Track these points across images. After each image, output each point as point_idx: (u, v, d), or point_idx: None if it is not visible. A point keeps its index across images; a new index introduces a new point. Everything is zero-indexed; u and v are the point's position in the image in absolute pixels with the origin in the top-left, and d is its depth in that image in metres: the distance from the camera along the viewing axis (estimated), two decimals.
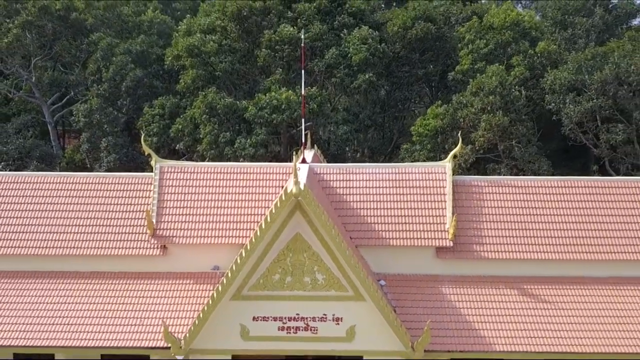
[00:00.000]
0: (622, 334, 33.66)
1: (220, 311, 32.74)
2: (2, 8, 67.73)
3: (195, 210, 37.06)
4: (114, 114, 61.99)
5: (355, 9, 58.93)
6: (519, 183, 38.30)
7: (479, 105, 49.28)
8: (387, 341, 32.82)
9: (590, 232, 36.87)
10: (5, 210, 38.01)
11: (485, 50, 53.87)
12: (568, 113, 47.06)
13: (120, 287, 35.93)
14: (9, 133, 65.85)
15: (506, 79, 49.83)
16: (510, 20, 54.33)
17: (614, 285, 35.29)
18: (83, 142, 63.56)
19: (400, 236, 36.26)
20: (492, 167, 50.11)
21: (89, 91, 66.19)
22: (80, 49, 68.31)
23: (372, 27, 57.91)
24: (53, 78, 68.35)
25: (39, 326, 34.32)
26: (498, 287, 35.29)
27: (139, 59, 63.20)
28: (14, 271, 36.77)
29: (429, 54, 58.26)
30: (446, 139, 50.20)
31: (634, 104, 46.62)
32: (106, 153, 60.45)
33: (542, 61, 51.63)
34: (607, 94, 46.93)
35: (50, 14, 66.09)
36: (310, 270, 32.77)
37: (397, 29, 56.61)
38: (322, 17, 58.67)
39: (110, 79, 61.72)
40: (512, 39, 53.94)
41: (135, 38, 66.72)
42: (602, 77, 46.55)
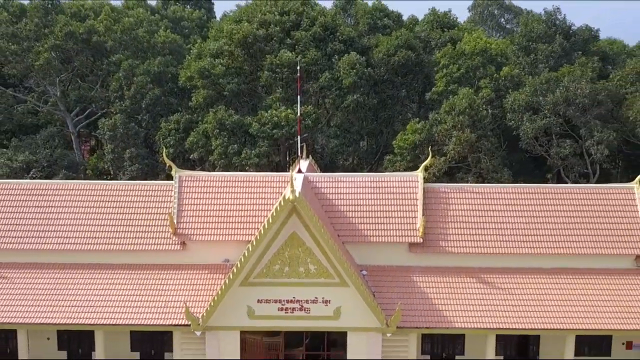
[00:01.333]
0: (558, 313, 37.62)
1: (231, 295, 36.55)
2: (32, 32, 69.37)
3: (209, 212, 40.54)
4: (135, 128, 63.71)
5: (346, 36, 61.72)
6: (479, 189, 42.32)
7: (450, 123, 52.52)
8: (366, 319, 36.63)
9: (537, 230, 40.52)
10: (52, 212, 41.34)
11: (457, 74, 57.08)
12: (525, 129, 50.59)
13: (147, 277, 39.55)
14: (38, 144, 67.47)
15: (474, 100, 53.03)
16: (480, 47, 57.66)
17: (555, 274, 39.38)
18: (108, 153, 65.31)
19: (379, 234, 39.98)
20: (461, 176, 53.26)
21: (111, 105, 67.83)
22: (101, 68, 70.05)
23: (360, 53, 60.63)
24: (79, 95, 70.12)
25: (81, 308, 37.97)
26: (460, 276, 39.32)
27: (156, 79, 65.06)
28: (61, 263, 40.30)
29: (409, 77, 60.80)
30: (423, 151, 53.45)
31: (581, 122, 50.18)
32: (129, 163, 62.43)
33: (506, 84, 54.95)
34: (558, 113, 50.12)
35: (74, 38, 68.08)
36: (304, 262, 36.49)
37: (382, 55, 59.46)
38: (317, 43, 61.39)
39: (132, 97, 63.91)
40: (480, 64, 56.99)
41: (151, 58, 68.18)
42: (554, 98, 49.88)
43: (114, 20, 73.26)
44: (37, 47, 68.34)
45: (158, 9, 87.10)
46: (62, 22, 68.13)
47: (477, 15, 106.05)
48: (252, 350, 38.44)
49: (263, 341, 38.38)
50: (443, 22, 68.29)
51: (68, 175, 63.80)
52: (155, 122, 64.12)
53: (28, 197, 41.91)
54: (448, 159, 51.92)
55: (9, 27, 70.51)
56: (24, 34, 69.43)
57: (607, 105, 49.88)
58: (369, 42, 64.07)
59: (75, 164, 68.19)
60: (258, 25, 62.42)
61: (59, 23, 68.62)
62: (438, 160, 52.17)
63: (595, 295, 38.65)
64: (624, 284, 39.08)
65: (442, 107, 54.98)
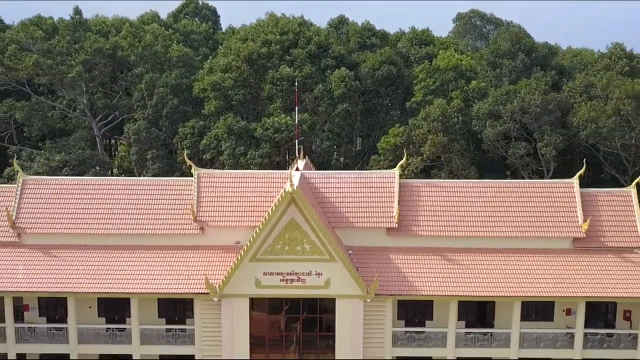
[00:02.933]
0: (508, 284, 41.59)
1: (242, 269, 40.42)
2: (65, 48, 72.56)
3: (222, 203, 44.20)
4: (156, 132, 66.92)
5: (337, 53, 65.38)
6: (445, 184, 46.41)
7: (426, 128, 56.18)
8: (351, 288, 40.56)
9: (493, 217, 44.36)
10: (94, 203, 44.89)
11: (433, 87, 60.66)
12: (487, 134, 54.90)
13: (172, 255, 43.22)
14: (71, 145, 70.14)
15: (447, 109, 56.64)
16: (452, 64, 61.26)
17: (506, 253, 43.35)
18: (132, 154, 68.33)
19: (362, 220, 43.87)
20: (435, 173, 56.92)
21: (134, 112, 70.42)
22: (125, 79, 73.10)
23: (349, 68, 64.13)
24: (106, 103, 73.03)
25: (117, 280, 41.73)
26: (428, 254, 43.25)
27: (174, 90, 68.05)
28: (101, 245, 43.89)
29: (392, 88, 64.43)
30: (403, 152, 57.03)
31: (534, 127, 54.53)
32: (151, 162, 65.48)
33: (474, 95, 58.65)
34: (516, 119, 54.25)
35: (102, 53, 71.27)
36: (300, 242, 40.42)
37: (368, 69, 63.14)
38: (312, 60, 64.81)
39: (153, 105, 66.99)
40: (453, 78, 60.60)
41: (167, 70, 70.66)
42: (511, 107, 53.82)
43: (133, 36, 75.89)
44: (69, 61, 71.00)
45: (170, 24, 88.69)
46: (91, 40, 71.16)
47: (461, 26, 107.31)
48: (258, 326, 41.84)
49: (268, 317, 41.87)
50: (421, 39, 72.20)
51: (97, 172, 66.38)
52: (174, 127, 66.77)
53: (74, 190, 45.44)
54: (424, 159, 55.50)
55: (44, 43, 73.34)
56: (57, 49, 72.17)
57: (556, 113, 53.82)
58: (358, 58, 67.22)
59: (103, 162, 70.94)
60: (261, 44, 65.64)
61: (88, 40, 71.58)
62: (416, 160, 55.68)
63: (539, 270, 42.47)
64: (563, 261, 43.08)
65: (420, 114, 58.24)
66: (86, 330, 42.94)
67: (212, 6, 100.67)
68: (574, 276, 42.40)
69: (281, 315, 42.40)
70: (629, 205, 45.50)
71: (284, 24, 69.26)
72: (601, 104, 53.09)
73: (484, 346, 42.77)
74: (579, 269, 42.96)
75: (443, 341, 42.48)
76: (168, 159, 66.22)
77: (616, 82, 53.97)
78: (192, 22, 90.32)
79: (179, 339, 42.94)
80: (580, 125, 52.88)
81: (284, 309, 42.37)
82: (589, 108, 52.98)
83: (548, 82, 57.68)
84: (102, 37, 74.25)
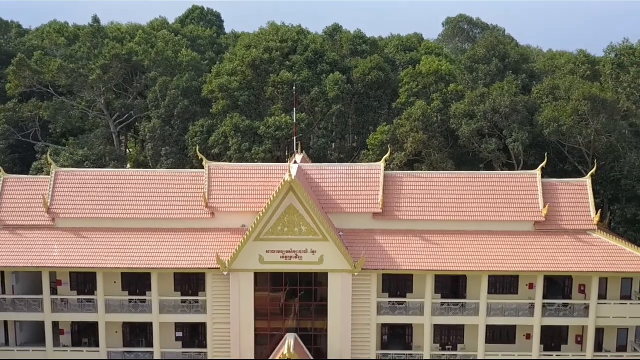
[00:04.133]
0: (477, 261, 45.09)
1: (247, 247, 43.72)
2: (85, 54, 74.24)
3: (230, 191, 47.43)
4: (169, 130, 68.66)
5: (331, 59, 67.71)
6: (424, 175, 49.78)
7: (409, 127, 59.10)
8: (341, 264, 43.94)
9: (465, 204, 47.69)
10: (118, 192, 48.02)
11: (416, 90, 63.27)
12: (463, 131, 58.06)
13: (187, 236, 46.48)
14: (92, 142, 72.76)
15: (427, 109, 59.44)
16: (433, 69, 63.94)
17: (476, 235, 46.79)
18: (148, 150, 70.12)
19: (352, 206, 47.17)
20: (417, 166, 59.58)
21: (148, 112, 71.62)
22: (139, 82, 74.59)
23: (342, 72, 66.28)
24: (122, 104, 74.60)
25: (139, 258, 45.05)
26: (408, 236, 46.65)
27: (184, 92, 69.54)
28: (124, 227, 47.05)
29: (380, 91, 66.77)
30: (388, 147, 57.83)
31: (504, 125, 57.81)
32: (165, 158, 67.34)
33: (452, 97, 61.28)
34: (487, 118, 57.35)
35: (119, 59, 72.99)
36: (298, 225, 43.67)
37: (359, 74, 65.54)
38: (309, 65, 66.98)
39: (166, 106, 68.72)
40: (433, 81, 63.08)
41: (178, 74, 71.65)
42: (484, 108, 56.71)
43: (146, 42, 77.41)
44: (89, 65, 72.98)
45: (178, 29, 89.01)
46: (110, 46, 73.23)
47: (450, 30, 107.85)
48: (262, 297, 44.99)
49: (270, 289, 45.07)
50: (406, 46, 75.32)
51: (116, 165, 67.99)
52: (185, 126, 68.49)
53: (101, 180, 48.75)
54: (407, 154, 58.45)
55: (67, 49, 75.89)
56: (79, 55, 74.17)
57: (524, 113, 56.96)
58: (350, 63, 69.41)
59: (121, 157, 73.09)
60: (263, 51, 67.87)
61: (107, 47, 73.50)
62: (400, 155, 58.54)
63: (504, 249, 45.96)
64: (525, 241, 46.49)
65: (403, 114, 60.89)
66: (112, 301, 46.33)
67: (216, 12, 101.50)
68: (534, 254, 45.80)
69: (281, 287, 45.44)
70: (584, 193, 48.94)
71: (284, 33, 71.43)
72: (564, 104, 56.40)
73: (456, 314, 46.19)
74: (539, 248, 46.29)
75: (421, 310, 45.78)
76: (180, 155, 68.09)
77: (577, 85, 57.42)
78: (199, 28, 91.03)
79: (192, 309, 46.22)
80: (544, 123, 56.23)
81: (284, 282, 45.39)
82: (553, 108, 56.29)
83: (518, 85, 60.37)
84: (117, 43, 75.93)
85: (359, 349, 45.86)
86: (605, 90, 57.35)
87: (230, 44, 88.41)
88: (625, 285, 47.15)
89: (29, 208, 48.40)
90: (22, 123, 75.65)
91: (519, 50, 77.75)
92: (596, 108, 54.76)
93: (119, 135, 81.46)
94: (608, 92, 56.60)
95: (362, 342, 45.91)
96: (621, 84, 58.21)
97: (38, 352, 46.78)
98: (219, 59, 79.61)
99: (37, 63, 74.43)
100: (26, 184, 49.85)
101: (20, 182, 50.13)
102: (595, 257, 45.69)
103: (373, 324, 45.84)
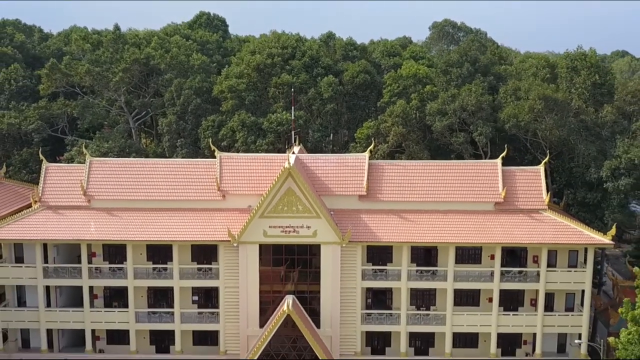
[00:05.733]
0: (446, 234, 48.95)
1: (253, 223, 47.67)
2: (108, 58, 76.78)
3: (239, 177, 51.21)
4: (184, 125, 71.41)
5: (325, 64, 70.76)
6: (402, 163, 53.74)
7: (390, 122, 62.68)
8: (331, 236, 47.90)
9: (436, 187, 51.52)
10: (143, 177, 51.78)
11: (397, 90, 66.29)
12: (436, 126, 61.38)
13: (203, 215, 50.43)
14: (116, 135, 74.22)
15: (406, 107, 62.90)
16: (412, 73, 67.21)
17: (446, 213, 50.60)
18: (165, 142, 72.95)
19: (341, 190, 50.99)
20: (397, 156, 62.62)
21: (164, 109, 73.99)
22: (156, 83, 76.83)
23: (335, 75, 69.39)
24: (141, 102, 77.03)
25: (161, 232, 48.97)
26: (388, 214, 50.48)
27: (196, 92, 72.26)
28: (149, 207, 50.89)
29: (367, 92, 69.73)
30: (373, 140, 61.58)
31: (471, 122, 60.67)
32: (180, 149, 70.18)
33: (428, 96, 64.41)
34: (457, 115, 60.84)
35: (138, 62, 76.03)
36: (295, 204, 47.61)
37: (349, 77, 68.70)
38: (306, 69, 69.84)
39: (181, 104, 71.59)
40: (412, 83, 66.16)
41: (191, 75, 74.02)
42: (454, 106, 60.34)
43: (160, 46, 79.98)
44: (112, 68, 75.78)
45: (188, 35, 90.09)
46: (130, 52, 76.22)
47: (436, 33, 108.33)
48: (265, 264, 48.78)
49: (272, 258, 48.89)
50: (390, 52, 78.86)
51: (136, 156, 68.60)
52: (197, 121, 71.00)
53: (129, 168, 52.86)
54: (389, 145, 62.42)
55: (92, 54, 78.53)
56: (102, 59, 76.98)
57: (488, 110, 60.73)
58: (342, 67, 72.32)
59: (140, 149, 75.45)
60: (266, 56, 70.68)
61: (127, 52, 76.34)
62: (383, 146, 62.18)
63: (469, 225, 49.91)
64: (487, 219, 50.56)
65: (386, 112, 64.40)
66: (139, 269, 50.42)
67: (222, 17, 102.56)
68: (494, 230, 49.90)
69: (281, 256, 49.25)
70: (537, 179, 52.90)
71: (284, 40, 74.26)
72: (523, 103, 60.62)
73: (428, 280, 50.27)
74: (498, 224, 50.36)
75: (399, 277, 49.78)
76: (193, 147, 70.94)
77: (534, 86, 61.70)
78: (207, 33, 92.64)
79: (207, 275, 50.25)
80: (505, 119, 60.54)
81: (284, 252, 49.21)
82: (513, 107, 60.58)
83: (485, 86, 64.05)
84: (136, 48, 78.50)
85: (347, 309, 49.80)
86: (560, 91, 61.46)
87: (235, 47, 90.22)
88: (572, 256, 51.19)
89: (68, 191, 52.39)
90: (52, 119, 78.40)
91: (499, 51, 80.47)
92: (549, 106, 58.90)
93: (137, 130, 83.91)
94: (561, 93, 60.72)
95: (349, 303, 49.81)
96: (574, 85, 62.15)
97: (77, 313, 50.97)
98: (226, 61, 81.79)
99: (66, 66, 77.39)
100: (65, 171, 53.99)
101: (60, 169, 54.37)
102: (545, 232, 49.63)
103: (358, 288, 49.62)
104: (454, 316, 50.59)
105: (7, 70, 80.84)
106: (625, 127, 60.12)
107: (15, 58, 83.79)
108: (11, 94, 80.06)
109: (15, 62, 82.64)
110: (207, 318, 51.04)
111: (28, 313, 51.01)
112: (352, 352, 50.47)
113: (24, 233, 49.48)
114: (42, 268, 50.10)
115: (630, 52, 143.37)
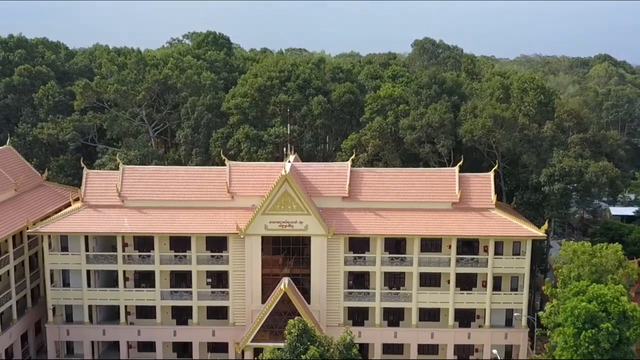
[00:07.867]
0: (412, 227, 53.52)
1: (257, 219, 52.18)
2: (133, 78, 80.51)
3: (245, 181, 55.56)
4: (197, 136, 75.19)
5: (316, 85, 74.63)
6: (378, 170, 58.26)
7: (369, 135, 67.22)
8: (319, 230, 52.42)
9: (406, 190, 56.10)
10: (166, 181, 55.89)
11: (376, 108, 70.60)
12: (407, 139, 65.75)
13: (215, 212, 54.80)
14: (138, 144, 77.60)
15: (383, 123, 67.27)
16: (389, 94, 71.67)
17: (412, 211, 55.20)
18: (181, 151, 76.70)
19: (328, 192, 55.49)
20: (375, 164, 66.93)
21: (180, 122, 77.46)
22: (173, 99, 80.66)
23: (324, 95, 73.34)
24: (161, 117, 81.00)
25: (182, 226, 53.38)
26: (366, 212, 54.93)
27: (208, 108, 76.15)
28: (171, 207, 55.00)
29: (352, 109, 73.83)
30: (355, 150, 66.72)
31: (435, 135, 65.01)
32: (194, 157, 74.21)
33: (401, 114, 68.80)
34: (424, 130, 65.46)
35: (158, 82, 79.89)
36: (290, 204, 52.12)
37: (336, 97, 72.85)
38: (300, 90, 73.85)
39: (195, 118, 75.60)
40: (388, 103, 70.55)
41: (203, 93, 77.45)
42: (422, 123, 65.06)
43: (176, 66, 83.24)
44: (136, 87, 79.69)
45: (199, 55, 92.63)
46: (151, 74, 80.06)
47: (417, 50, 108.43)
48: (266, 253, 53.04)
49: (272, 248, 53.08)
50: (373, 75, 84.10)
51: (157, 164, 73.02)
52: (209, 133, 74.75)
53: (156, 174, 57.31)
54: (369, 155, 67.03)
55: (118, 75, 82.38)
56: (127, 79, 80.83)
57: (449, 126, 66.00)
58: (330, 87, 76.24)
59: (158, 157, 79.03)
60: (266, 79, 74.62)
61: (149, 74, 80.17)
62: (363, 155, 66.50)
63: (431, 221, 54.64)
64: (445, 216, 55.27)
65: (367, 126, 68.99)
66: (164, 256, 55.02)
67: (226, 36, 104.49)
68: (451, 224, 54.61)
69: (279, 246, 53.66)
70: (487, 183, 58.05)
71: (282, 65, 78.29)
72: (478, 121, 66.28)
73: (398, 265, 54.93)
74: (455, 220, 55.09)
75: (374, 262, 54.38)
76: (205, 155, 74.90)
77: (487, 106, 67.37)
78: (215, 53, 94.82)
79: (219, 261, 54.73)
80: (462, 134, 66.44)
81: (281, 243, 53.62)
82: (469, 124, 66.31)
83: (448, 106, 69.64)
84: (155, 69, 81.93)
85: (332, 288, 54.44)
86: (510, 110, 67.02)
87: (239, 64, 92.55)
88: (515, 246, 55.97)
89: (105, 193, 57.02)
90: (84, 130, 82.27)
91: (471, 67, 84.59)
92: (498, 123, 64.59)
93: (156, 139, 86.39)
94: (509, 112, 66.31)
95: (334, 284, 54.41)
96: (524, 103, 67.85)
97: (113, 292, 55.72)
98: (232, 77, 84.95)
99: (97, 85, 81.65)
100: (102, 176, 58.66)
101: (98, 174, 59.11)
102: (492, 226, 54.64)
103: (341, 272, 54.20)
104: (419, 294, 54.94)
105: (45, 88, 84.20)
106: (562, 141, 65.80)
107: (49, 76, 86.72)
108: (49, 108, 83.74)
109: (50, 79, 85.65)
110: (219, 296, 55.28)
111: (73, 292, 55.59)
112: (337, 324, 54.97)
113: (72, 227, 54.34)
114: (85, 256, 54.67)
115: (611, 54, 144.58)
